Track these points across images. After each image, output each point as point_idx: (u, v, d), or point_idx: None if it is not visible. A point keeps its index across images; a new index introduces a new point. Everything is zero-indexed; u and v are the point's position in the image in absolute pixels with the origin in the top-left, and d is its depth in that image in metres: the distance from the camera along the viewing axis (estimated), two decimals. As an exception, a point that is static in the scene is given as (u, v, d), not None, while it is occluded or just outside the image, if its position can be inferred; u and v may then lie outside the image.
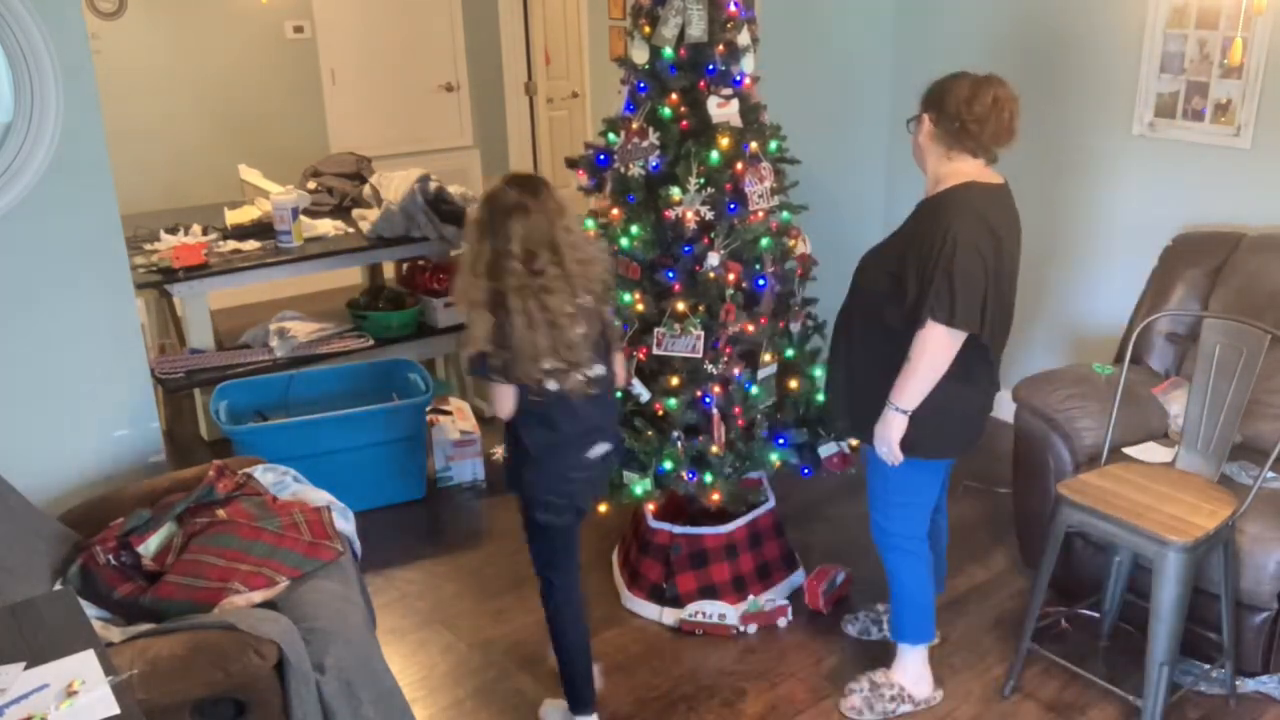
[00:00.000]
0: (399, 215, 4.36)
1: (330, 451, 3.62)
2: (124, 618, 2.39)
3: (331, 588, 2.48)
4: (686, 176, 2.87)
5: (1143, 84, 3.70)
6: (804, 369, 3.13)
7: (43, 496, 2.79)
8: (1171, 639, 2.56)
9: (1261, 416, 3.13)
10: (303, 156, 5.50)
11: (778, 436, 3.05)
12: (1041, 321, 4.23)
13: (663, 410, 2.96)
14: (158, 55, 5.60)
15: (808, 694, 2.87)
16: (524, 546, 2.60)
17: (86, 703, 1.61)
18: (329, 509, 2.74)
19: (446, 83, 6.66)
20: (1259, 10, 3.30)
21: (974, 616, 3.19)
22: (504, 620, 3.21)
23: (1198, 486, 2.70)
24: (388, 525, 3.72)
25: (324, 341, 4.21)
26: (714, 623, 3.09)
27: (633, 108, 2.97)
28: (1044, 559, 2.77)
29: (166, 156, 5.64)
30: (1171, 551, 2.48)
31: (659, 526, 3.16)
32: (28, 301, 2.81)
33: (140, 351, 3.07)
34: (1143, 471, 2.80)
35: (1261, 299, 3.21)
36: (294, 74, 6.06)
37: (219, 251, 4.20)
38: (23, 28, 2.63)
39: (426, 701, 2.86)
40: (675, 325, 2.91)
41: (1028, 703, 2.83)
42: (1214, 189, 3.61)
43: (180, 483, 2.79)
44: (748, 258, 2.94)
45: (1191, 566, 2.51)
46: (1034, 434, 3.16)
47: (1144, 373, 3.35)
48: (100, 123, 2.83)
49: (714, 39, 2.86)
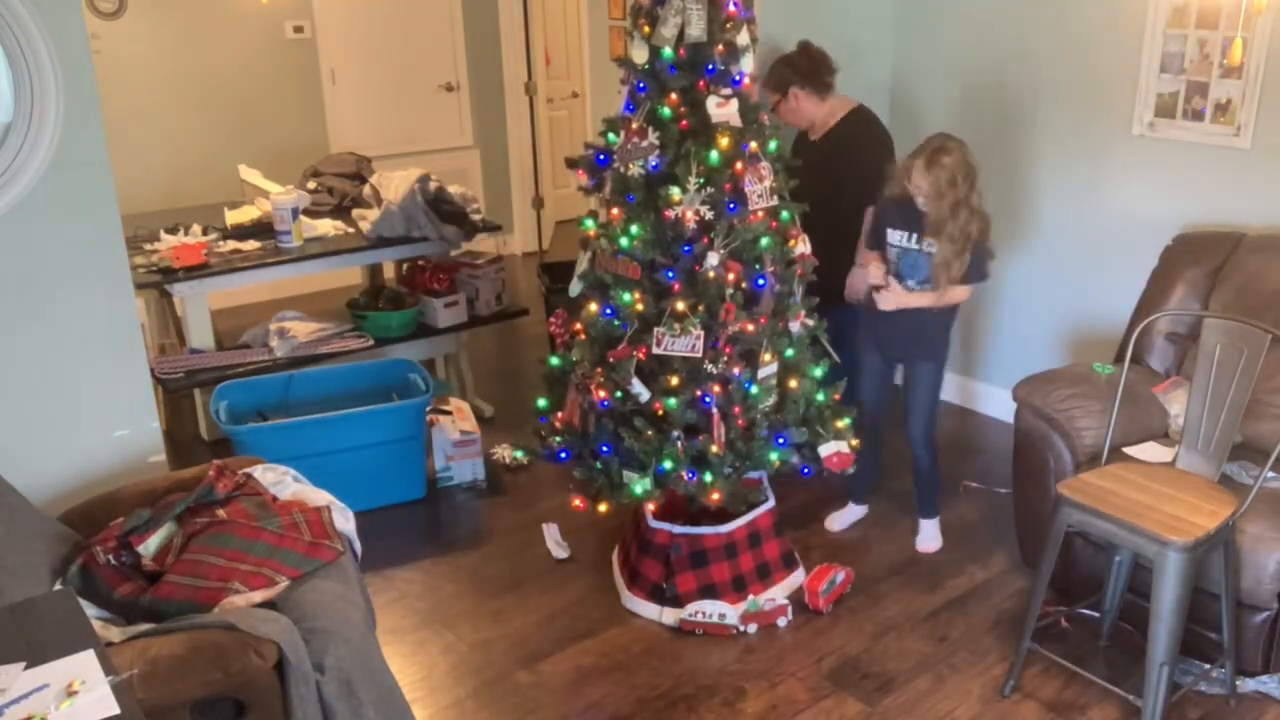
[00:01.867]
0: (399, 215, 4.36)
1: (330, 451, 3.62)
2: (124, 618, 2.39)
3: (331, 588, 2.48)
4: (686, 176, 2.86)
5: (1143, 84, 3.70)
6: (803, 368, 3.13)
7: (43, 496, 2.79)
8: (1171, 639, 2.56)
9: (1261, 416, 3.13)
10: (303, 156, 5.50)
11: (778, 436, 3.05)
12: (1041, 321, 4.23)
13: (663, 410, 2.96)
14: (158, 55, 5.60)
15: (808, 694, 2.87)
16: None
17: (86, 703, 1.61)
18: (329, 509, 2.73)
19: (446, 83, 6.66)
20: (1259, 10, 3.30)
21: (974, 616, 3.19)
22: (504, 620, 3.21)
23: (1197, 486, 2.70)
24: (388, 525, 3.72)
25: (324, 341, 4.21)
26: (714, 622, 3.09)
27: (632, 108, 2.97)
28: (1044, 558, 2.77)
29: (166, 156, 5.64)
30: (1172, 551, 2.48)
31: (659, 526, 3.16)
32: (28, 301, 2.81)
33: (140, 351, 3.07)
34: (1143, 471, 2.80)
35: (1261, 299, 3.20)
36: (294, 74, 6.06)
37: (219, 251, 4.20)
38: (23, 28, 2.63)
39: (426, 701, 2.86)
40: (675, 325, 2.90)
41: (1028, 702, 2.83)
42: (1214, 189, 3.61)
43: (180, 483, 2.79)
44: (747, 257, 2.94)
45: (1192, 566, 2.51)
46: (1034, 434, 3.16)
47: (1144, 373, 3.35)
48: (100, 123, 2.83)
49: (713, 39, 2.86)
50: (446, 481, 4.02)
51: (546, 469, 3.77)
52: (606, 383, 2.98)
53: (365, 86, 6.32)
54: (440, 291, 4.41)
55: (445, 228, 4.43)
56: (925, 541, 3.55)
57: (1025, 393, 3.20)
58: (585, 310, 3.09)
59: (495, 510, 3.86)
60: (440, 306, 4.39)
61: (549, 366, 3.24)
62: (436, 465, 4.01)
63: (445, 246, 4.52)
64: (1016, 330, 4.34)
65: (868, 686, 2.90)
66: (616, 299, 2.98)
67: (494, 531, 3.71)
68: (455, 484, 4.03)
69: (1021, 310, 4.30)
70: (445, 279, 4.45)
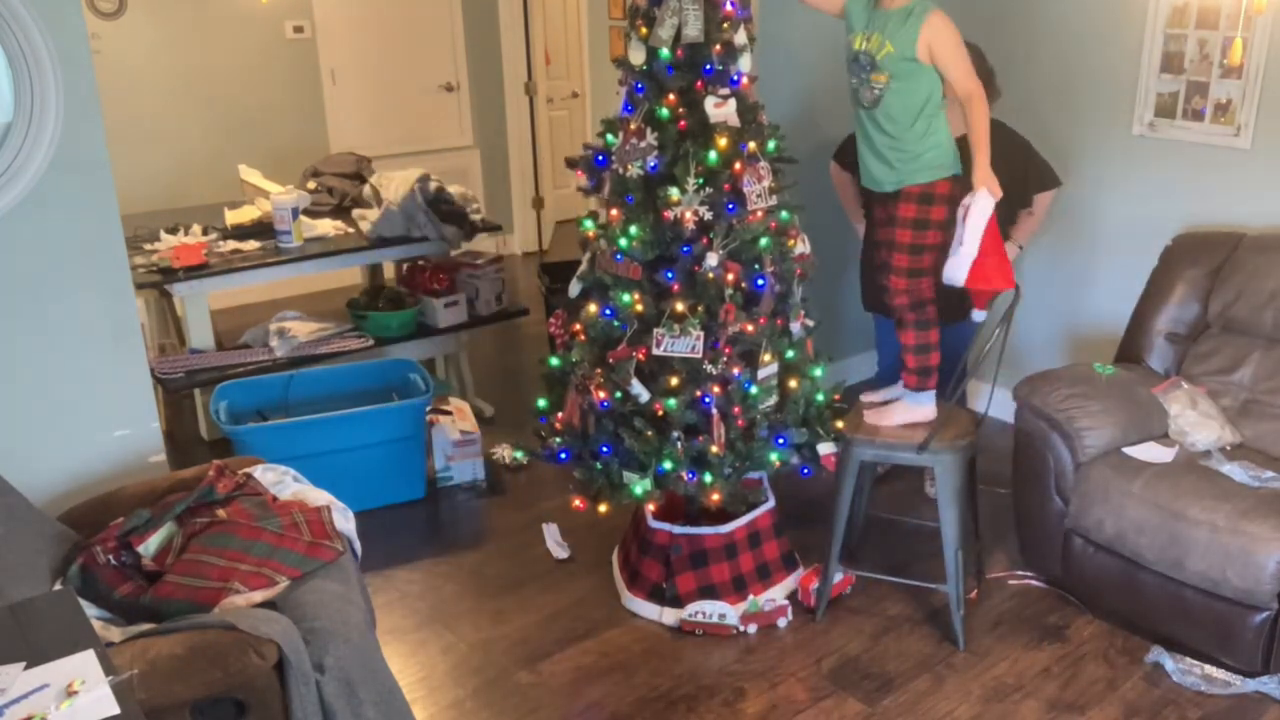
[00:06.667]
0: (399, 215, 4.36)
1: (330, 451, 3.62)
2: (124, 618, 2.39)
3: (331, 588, 2.48)
4: (685, 177, 2.86)
5: (1143, 84, 3.70)
6: (804, 369, 3.13)
7: (43, 496, 2.79)
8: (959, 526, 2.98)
9: (1261, 416, 3.14)
10: (303, 156, 5.50)
11: (778, 436, 3.05)
12: (1041, 321, 4.23)
13: (662, 410, 2.96)
14: (158, 55, 5.60)
15: (808, 694, 2.88)
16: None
17: (86, 703, 1.61)
18: (329, 509, 2.73)
19: (446, 83, 6.66)
20: (1259, 10, 3.30)
21: (974, 616, 3.19)
22: (504, 620, 3.21)
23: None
24: (388, 525, 3.73)
25: (324, 341, 4.22)
26: (714, 623, 3.09)
27: (630, 108, 2.97)
28: (840, 495, 3.07)
29: (166, 156, 5.64)
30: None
31: (659, 526, 3.16)
32: (28, 301, 2.81)
33: (140, 351, 3.07)
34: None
35: (1261, 299, 3.21)
36: (294, 74, 6.06)
37: (219, 251, 4.20)
38: (23, 28, 2.63)
39: (426, 701, 2.86)
40: (675, 325, 2.90)
41: (1028, 702, 2.83)
42: (1214, 189, 3.61)
43: (180, 483, 2.79)
44: (747, 258, 2.94)
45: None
46: (1034, 434, 3.16)
47: (1144, 373, 3.36)
48: (100, 123, 2.83)
49: (711, 39, 2.85)
50: (446, 481, 4.02)
51: (546, 469, 3.76)
52: (606, 383, 2.98)
53: (365, 86, 6.32)
54: (440, 291, 4.41)
55: (445, 228, 4.43)
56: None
57: (1025, 393, 3.20)
58: (585, 311, 3.09)
59: (495, 510, 3.86)
60: (440, 306, 4.39)
61: (549, 367, 3.24)
62: (436, 465, 4.01)
63: (445, 246, 4.52)
64: (1016, 330, 4.34)
65: (868, 686, 2.90)
66: (616, 300, 2.98)
67: (494, 531, 3.72)
68: (455, 484, 4.03)
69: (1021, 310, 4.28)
70: (445, 279, 4.46)
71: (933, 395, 3.10)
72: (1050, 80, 3.98)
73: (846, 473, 3.08)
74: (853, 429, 3.08)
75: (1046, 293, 4.17)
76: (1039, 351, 4.20)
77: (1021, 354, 4.22)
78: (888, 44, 2.83)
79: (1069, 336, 4.17)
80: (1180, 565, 2.80)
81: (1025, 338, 4.28)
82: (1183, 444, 3.08)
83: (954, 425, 3.06)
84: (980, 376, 4.52)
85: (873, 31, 2.88)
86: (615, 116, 3.02)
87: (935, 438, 2.98)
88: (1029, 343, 4.26)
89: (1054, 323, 4.20)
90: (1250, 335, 3.26)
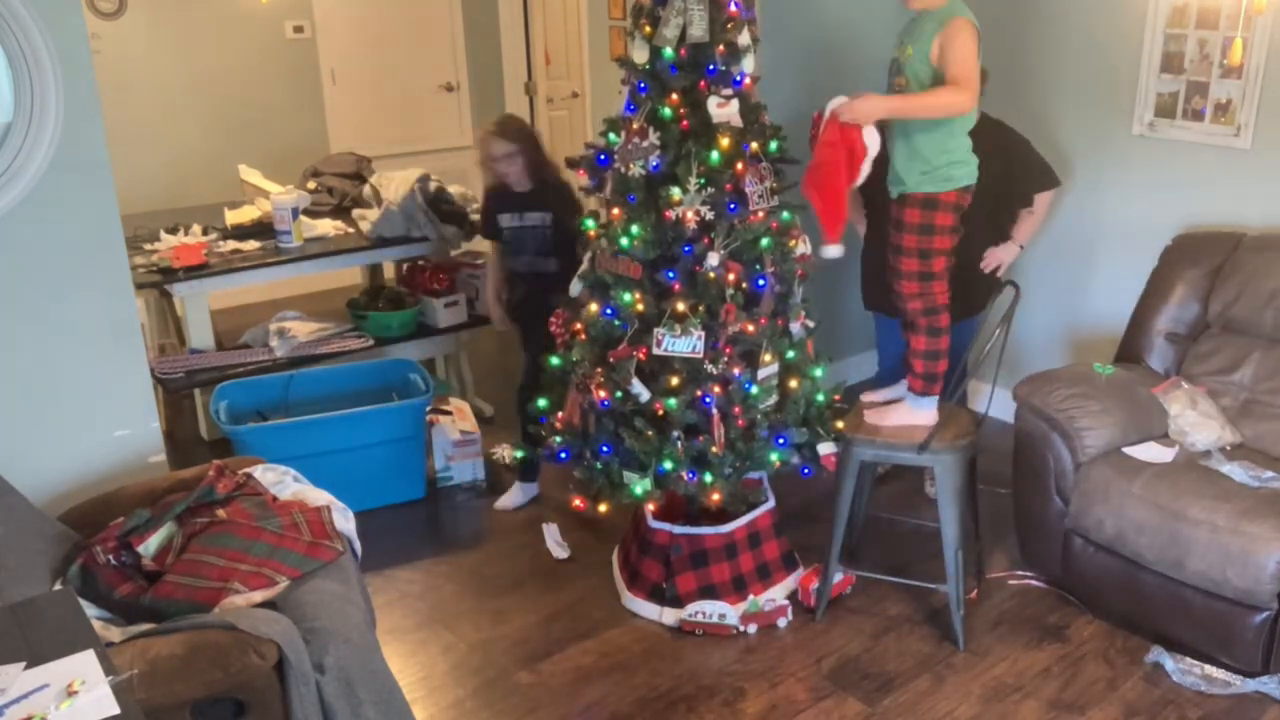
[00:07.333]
0: (399, 215, 4.36)
1: (330, 451, 3.62)
2: (124, 618, 2.38)
3: (331, 588, 2.48)
4: (687, 176, 2.86)
5: (1143, 84, 3.70)
6: (804, 369, 3.13)
7: (43, 496, 2.78)
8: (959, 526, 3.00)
9: (1262, 416, 3.14)
10: (303, 156, 5.50)
11: (778, 436, 3.05)
12: (1041, 321, 4.23)
13: (663, 410, 2.96)
14: (158, 55, 5.60)
15: (808, 694, 2.87)
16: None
17: (86, 703, 1.61)
18: (329, 509, 2.73)
19: (446, 83, 6.66)
20: (1259, 10, 3.30)
21: (974, 616, 3.19)
22: (504, 620, 3.21)
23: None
24: (388, 525, 3.72)
25: (324, 341, 4.21)
26: (714, 623, 3.09)
27: (633, 108, 2.97)
28: (840, 495, 3.08)
29: (166, 156, 5.64)
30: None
31: (659, 526, 3.16)
32: (28, 301, 2.81)
33: (140, 351, 3.06)
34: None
35: (1261, 299, 3.21)
36: (294, 74, 6.06)
37: (219, 251, 4.20)
38: (23, 28, 2.63)
39: (426, 701, 2.86)
40: (675, 325, 2.90)
41: (1028, 702, 2.83)
42: (1214, 189, 3.61)
43: (180, 483, 2.78)
44: (748, 258, 2.94)
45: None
46: (1034, 434, 3.16)
47: (1144, 373, 3.36)
48: (100, 123, 2.83)
49: (714, 39, 2.86)
50: (446, 481, 4.02)
51: (546, 469, 3.76)
52: (607, 383, 2.98)
53: (365, 86, 6.32)
54: (440, 291, 4.41)
55: (445, 228, 4.43)
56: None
57: (1025, 393, 3.20)
58: (585, 310, 3.09)
59: (495, 510, 3.86)
60: (440, 306, 4.39)
61: (549, 366, 3.24)
62: (436, 465, 4.01)
63: (445, 246, 4.52)
64: (1016, 330, 4.34)
65: (868, 686, 2.90)
66: (617, 299, 2.98)
67: (494, 531, 3.71)
68: (455, 484, 4.02)
69: (1021, 310, 4.28)
70: (445, 279, 4.46)
71: (935, 401, 3.08)
72: (1050, 80, 3.97)
73: (846, 473, 3.07)
74: (853, 429, 3.07)
75: (1046, 293, 4.17)
76: (1039, 351, 4.20)
77: (1021, 354, 4.21)
78: (909, 47, 2.83)
79: (1069, 336, 4.17)
80: (1180, 565, 2.80)
81: (1025, 338, 4.28)
82: (1183, 444, 3.08)
83: (954, 425, 3.06)
84: (980, 376, 4.53)
85: (906, 37, 2.89)
86: (618, 116, 3.02)
87: (935, 438, 2.97)
88: (1029, 343, 4.26)
89: (1054, 323, 4.20)
90: (1250, 335, 3.26)
